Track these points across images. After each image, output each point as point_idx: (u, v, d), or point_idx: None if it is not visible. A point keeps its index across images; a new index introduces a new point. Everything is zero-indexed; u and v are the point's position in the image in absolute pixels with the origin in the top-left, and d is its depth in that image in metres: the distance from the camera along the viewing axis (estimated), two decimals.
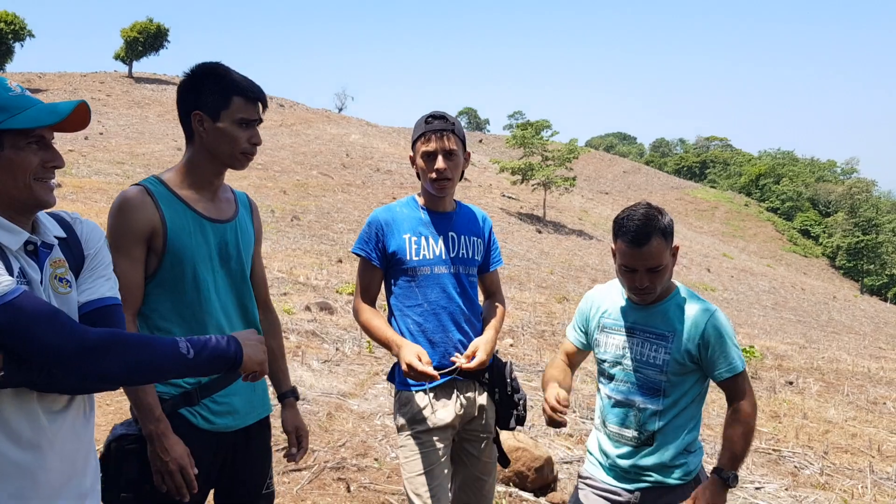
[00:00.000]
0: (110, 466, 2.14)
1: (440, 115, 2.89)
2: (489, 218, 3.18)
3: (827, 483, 6.29)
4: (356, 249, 2.96)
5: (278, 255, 18.42)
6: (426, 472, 2.80)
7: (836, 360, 16.78)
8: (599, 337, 2.74)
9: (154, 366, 1.68)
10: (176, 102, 2.38)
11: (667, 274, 2.55)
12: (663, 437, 2.59)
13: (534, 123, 51.46)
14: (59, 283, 1.75)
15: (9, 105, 1.65)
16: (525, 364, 10.73)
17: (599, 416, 2.75)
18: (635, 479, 2.64)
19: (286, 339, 9.26)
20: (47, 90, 56.08)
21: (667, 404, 2.58)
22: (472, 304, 2.98)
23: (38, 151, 1.70)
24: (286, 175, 37.91)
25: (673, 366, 2.55)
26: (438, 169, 2.82)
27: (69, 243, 1.83)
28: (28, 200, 1.70)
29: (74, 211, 1.98)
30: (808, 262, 70.63)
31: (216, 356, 1.77)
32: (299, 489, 4.49)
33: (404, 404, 2.89)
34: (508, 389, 2.92)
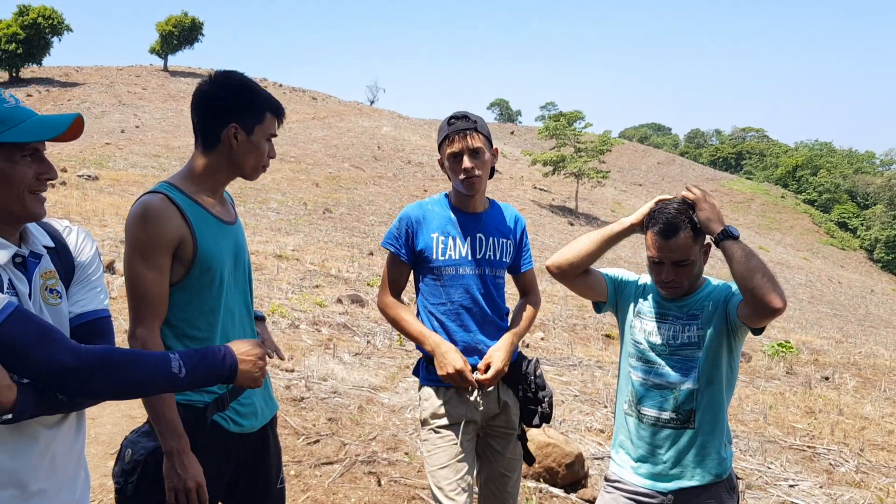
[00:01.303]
0: (147, 477, 2.16)
1: (461, 115, 2.91)
2: (523, 218, 3.17)
3: (862, 481, 6.20)
4: (385, 244, 2.98)
5: (311, 248, 18.56)
6: (448, 466, 2.83)
7: (874, 355, 16.49)
8: (635, 321, 2.73)
9: (143, 385, 1.69)
10: (200, 107, 2.33)
11: (694, 270, 2.56)
12: (702, 416, 2.58)
13: (566, 114, 51.14)
14: (50, 294, 1.74)
15: (4, 117, 1.64)
16: (556, 358, 10.72)
17: (630, 399, 2.71)
18: (671, 474, 2.59)
19: (318, 331, 9.34)
20: (84, 83, 56.98)
21: (703, 383, 2.57)
22: (497, 306, 2.98)
23: (33, 164, 1.68)
24: (318, 168, 38.14)
25: (707, 341, 2.56)
26: (466, 168, 2.82)
27: (59, 252, 1.82)
28: (20, 213, 1.69)
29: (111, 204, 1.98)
30: (846, 254, 69.39)
31: (209, 373, 1.77)
32: (331, 482, 4.53)
33: (426, 399, 2.93)
34: (532, 387, 2.93)
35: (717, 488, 2.59)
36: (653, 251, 2.55)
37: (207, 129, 2.31)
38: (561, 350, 11.53)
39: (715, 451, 2.59)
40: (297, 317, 9.92)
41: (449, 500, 2.81)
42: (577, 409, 7.31)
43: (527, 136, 79.76)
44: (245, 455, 2.40)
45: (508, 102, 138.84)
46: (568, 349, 11.64)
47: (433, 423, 2.88)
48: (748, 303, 2.40)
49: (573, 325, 13.93)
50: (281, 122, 2.43)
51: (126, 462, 2.18)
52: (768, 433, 7.69)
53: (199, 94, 2.33)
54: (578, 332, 13.33)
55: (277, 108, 2.39)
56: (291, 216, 25.02)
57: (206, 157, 2.33)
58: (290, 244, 18.28)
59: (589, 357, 10.99)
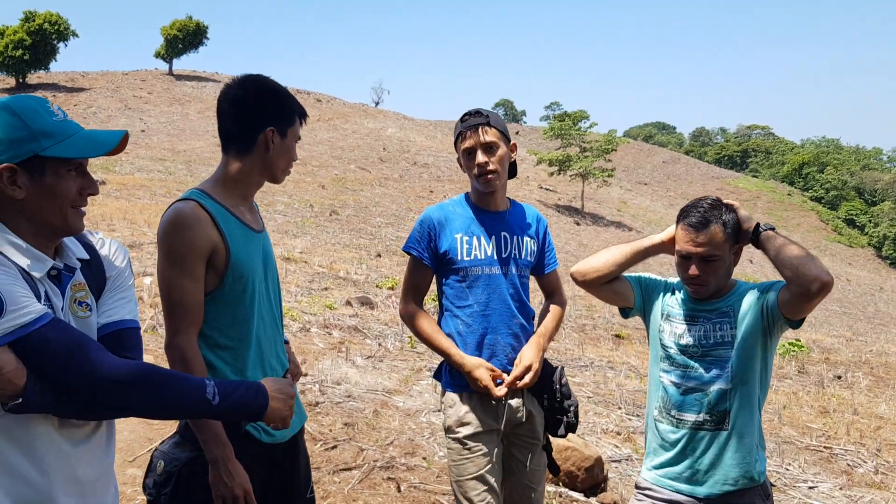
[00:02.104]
0: (181, 488, 2.15)
1: (474, 112, 2.86)
2: (544, 218, 3.12)
3: (882, 482, 6.15)
4: (407, 248, 2.92)
5: (318, 250, 18.55)
6: (476, 477, 2.78)
7: (885, 353, 16.42)
8: (664, 325, 2.69)
9: (177, 407, 1.68)
10: (234, 111, 2.30)
11: (722, 268, 2.53)
12: (735, 416, 2.53)
13: (571, 114, 51.13)
14: (79, 307, 1.73)
15: (54, 131, 1.63)
16: (567, 359, 10.68)
17: (661, 405, 2.66)
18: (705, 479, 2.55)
19: (329, 334, 9.32)
20: (90, 88, 57.12)
21: (736, 382, 2.53)
22: (524, 306, 2.93)
23: (77, 178, 1.68)
24: (324, 170, 38.16)
25: (739, 339, 2.53)
26: (479, 164, 2.78)
27: (91, 265, 1.81)
28: (61, 227, 1.68)
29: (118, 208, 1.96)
30: (854, 252, 69.15)
31: (240, 406, 1.75)
32: (350, 489, 4.51)
33: (451, 406, 2.86)
34: (557, 396, 2.86)
35: (751, 494, 2.55)
36: (682, 244, 2.53)
37: (243, 132, 2.29)
38: (571, 351, 11.49)
39: (749, 452, 2.54)
40: (307, 320, 9.91)
41: None
42: (592, 410, 7.28)
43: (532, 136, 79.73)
44: (275, 465, 2.39)
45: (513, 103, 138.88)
46: (579, 350, 11.60)
47: (459, 431, 2.82)
48: (795, 285, 2.37)
49: (583, 326, 13.89)
50: (304, 124, 2.45)
51: (159, 474, 2.17)
52: (784, 434, 7.64)
53: (231, 98, 2.30)
54: (588, 333, 13.28)
55: (303, 112, 2.43)
56: (298, 218, 25.02)
57: (240, 161, 2.31)
58: (298, 246, 18.27)
59: (600, 358, 10.96)
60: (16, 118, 1.60)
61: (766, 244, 2.47)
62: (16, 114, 1.61)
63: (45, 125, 1.63)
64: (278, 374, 2.40)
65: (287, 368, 2.49)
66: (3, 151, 1.58)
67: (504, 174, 2.87)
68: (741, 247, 2.57)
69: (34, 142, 1.60)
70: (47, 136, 1.62)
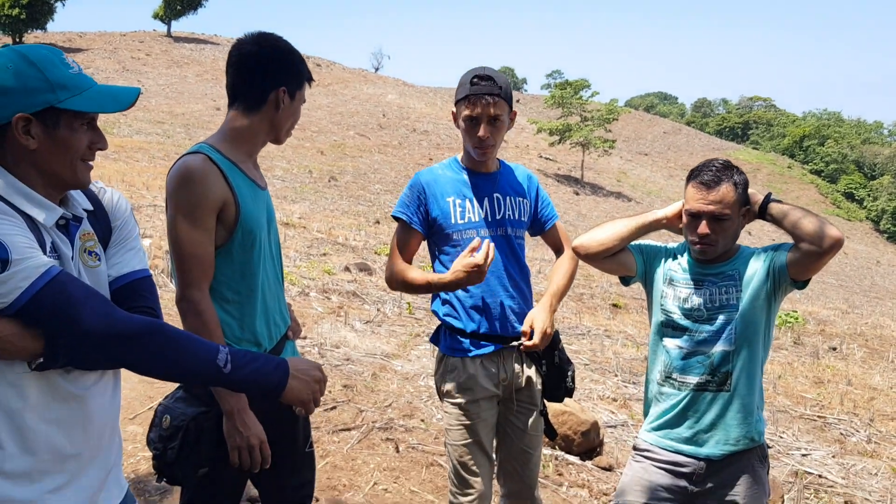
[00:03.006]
0: (188, 442, 2.15)
1: (486, 76, 2.70)
2: (534, 175, 3.05)
3: (875, 451, 6.23)
4: (397, 213, 2.85)
5: (317, 216, 18.56)
6: (471, 443, 2.77)
7: (880, 326, 16.52)
8: (666, 290, 2.67)
9: (183, 367, 1.62)
10: (246, 67, 2.27)
11: (731, 229, 2.52)
12: (738, 377, 2.54)
13: (572, 83, 50.83)
14: (89, 256, 1.72)
15: (70, 84, 1.61)
16: (564, 327, 10.74)
17: (663, 369, 2.65)
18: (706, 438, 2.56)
19: (328, 299, 9.36)
20: (88, 49, 56.59)
21: (739, 344, 2.54)
22: (521, 268, 2.89)
23: (88, 132, 1.67)
24: (323, 135, 38.00)
25: (745, 304, 2.53)
26: (481, 137, 2.70)
27: (97, 215, 1.80)
28: (70, 180, 1.67)
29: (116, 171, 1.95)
30: (852, 225, 69.20)
31: (256, 380, 1.68)
32: (349, 448, 4.56)
33: (450, 371, 2.82)
34: (556, 360, 2.84)
35: (749, 455, 2.57)
36: (692, 203, 2.50)
37: (254, 89, 2.27)
38: (569, 319, 11.54)
39: (750, 413, 2.56)
40: (306, 284, 9.94)
41: (471, 475, 2.77)
42: (589, 377, 7.33)
43: (532, 104, 79.27)
44: (276, 420, 2.40)
45: (514, 70, 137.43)
46: (576, 318, 11.65)
47: (458, 397, 2.79)
48: (809, 244, 2.41)
49: (580, 295, 13.93)
50: (310, 87, 2.45)
51: (164, 428, 2.17)
52: (778, 403, 7.72)
53: (244, 54, 2.28)
54: (586, 302, 13.32)
55: (310, 76, 2.42)
56: (297, 184, 24.97)
57: (248, 118, 2.29)
58: (297, 212, 18.27)
59: (597, 326, 11.02)
60: (33, 68, 1.58)
61: (776, 214, 2.49)
62: (33, 63, 1.58)
63: (63, 77, 1.61)
64: (281, 329, 2.41)
65: (289, 325, 2.50)
66: (19, 101, 1.56)
67: (500, 144, 2.81)
68: (749, 210, 2.55)
69: (51, 93, 1.58)
70: (64, 87, 1.60)
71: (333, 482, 4.12)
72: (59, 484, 1.63)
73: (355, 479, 4.19)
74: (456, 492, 2.83)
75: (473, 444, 2.78)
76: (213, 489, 2.28)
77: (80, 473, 1.68)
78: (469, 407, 2.77)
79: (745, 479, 2.56)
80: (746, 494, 2.55)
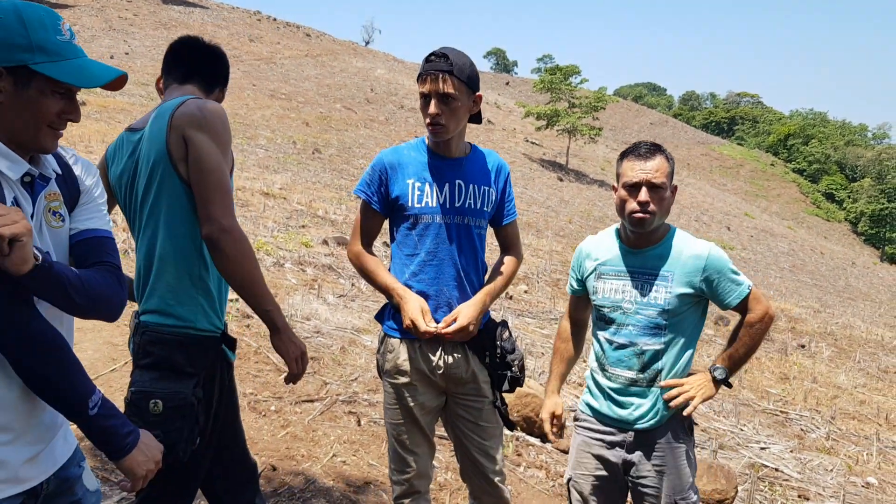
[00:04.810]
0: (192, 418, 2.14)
1: (441, 54, 2.63)
2: (507, 166, 2.96)
3: (832, 448, 6.33)
4: (357, 191, 2.79)
5: (298, 188, 18.42)
6: (409, 422, 2.75)
7: (850, 327, 16.75)
8: (597, 284, 2.76)
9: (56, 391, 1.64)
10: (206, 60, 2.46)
11: (665, 202, 2.61)
12: (668, 375, 2.64)
13: (563, 68, 50.59)
14: (53, 216, 1.73)
15: (52, 49, 1.62)
16: (539, 311, 10.79)
17: (597, 361, 2.77)
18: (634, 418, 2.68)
19: (303, 271, 9.32)
20: (75, 6, 55.63)
21: (668, 341, 2.63)
22: (475, 259, 2.81)
23: (61, 101, 1.66)
24: (309, 107, 37.67)
25: (674, 303, 2.61)
26: (430, 114, 2.61)
27: (65, 178, 1.81)
28: (31, 143, 1.67)
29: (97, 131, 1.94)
30: (830, 226, 69.91)
31: (108, 434, 1.71)
32: (311, 419, 4.56)
33: (389, 351, 2.77)
34: (498, 351, 2.76)
35: (674, 423, 2.67)
36: (630, 174, 2.60)
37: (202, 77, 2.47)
38: (543, 304, 11.60)
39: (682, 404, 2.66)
40: (282, 255, 9.89)
41: (408, 454, 2.76)
42: None
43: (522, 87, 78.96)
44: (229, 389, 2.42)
45: (505, 52, 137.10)
46: (550, 303, 11.71)
47: (397, 378, 2.75)
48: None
49: (556, 280, 13.98)
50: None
51: (156, 414, 2.11)
52: (742, 396, 7.82)
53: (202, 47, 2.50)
54: (561, 287, 13.37)
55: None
56: (280, 154, 24.77)
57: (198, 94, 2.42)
58: (278, 182, 18.12)
59: None
60: (20, 24, 1.60)
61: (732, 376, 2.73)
62: (22, 20, 1.60)
63: (46, 41, 1.62)
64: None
65: None
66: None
67: (458, 125, 2.70)
68: (676, 186, 2.69)
69: (28, 52, 1.59)
70: (44, 51, 1.61)
71: (292, 452, 4.11)
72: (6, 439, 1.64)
73: (314, 451, 4.19)
74: (395, 469, 2.80)
75: (411, 422, 2.75)
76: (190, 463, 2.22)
77: (27, 430, 1.68)
78: (406, 389, 2.74)
79: (670, 446, 2.67)
80: (673, 458, 2.66)
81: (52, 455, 1.77)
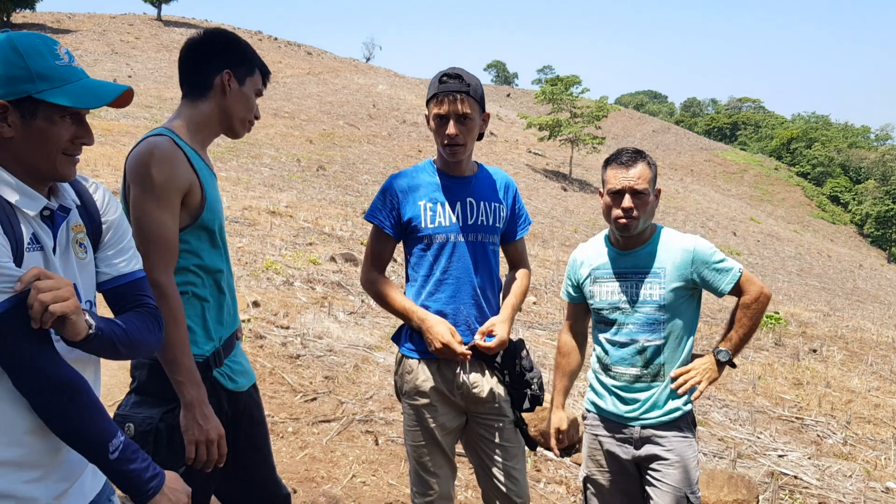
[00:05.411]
0: (162, 444, 2.10)
1: (455, 74, 2.67)
2: (514, 182, 3.00)
3: (850, 453, 6.29)
4: (369, 217, 2.80)
5: (304, 205, 18.46)
6: (430, 444, 2.74)
7: (861, 329, 16.66)
8: (593, 288, 2.84)
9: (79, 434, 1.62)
10: (191, 55, 2.31)
11: (649, 206, 2.71)
12: (670, 368, 2.74)
13: (563, 79, 50.72)
14: (80, 248, 1.72)
15: (52, 75, 1.59)
16: (548, 322, 10.77)
17: (599, 363, 2.85)
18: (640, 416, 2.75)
19: (312, 289, 9.33)
20: (77, 31, 56.05)
21: (667, 335, 2.72)
22: (491, 276, 2.82)
23: (71, 126, 1.64)
24: (312, 124, 37.82)
25: (670, 297, 2.70)
26: (449, 134, 2.65)
27: (87, 209, 1.79)
28: (48, 172, 1.65)
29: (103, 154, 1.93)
30: (836, 228, 69.73)
31: (131, 478, 1.67)
32: (328, 440, 4.56)
33: (408, 372, 2.77)
34: (518, 369, 2.76)
35: (679, 421, 2.76)
36: (613, 181, 2.70)
37: (199, 75, 2.27)
38: (553, 315, 11.57)
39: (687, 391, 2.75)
40: (291, 274, 9.91)
41: (430, 476, 2.75)
42: None
43: (523, 99, 79.17)
44: (238, 417, 2.36)
45: (505, 64, 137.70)
46: (560, 314, 11.68)
47: (417, 399, 2.74)
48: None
49: None
50: (266, 82, 2.43)
51: (131, 437, 2.07)
52: (757, 403, 7.78)
53: (189, 44, 2.31)
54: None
55: (264, 66, 2.41)
56: (285, 172, 24.84)
57: (197, 106, 2.28)
58: (284, 200, 18.16)
59: None
60: (17, 55, 1.57)
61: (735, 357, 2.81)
62: (18, 51, 1.57)
63: (45, 68, 1.59)
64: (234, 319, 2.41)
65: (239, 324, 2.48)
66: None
67: (471, 144, 2.76)
68: (660, 189, 2.80)
69: (29, 83, 1.57)
70: (44, 78, 1.58)
71: (311, 474, 4.11)
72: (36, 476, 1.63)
73: (333, 472, 4.19)
74: (417, 491, 2.80)
75: (432, 444, 2.74)
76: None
77: (55, 467, 1.68)
78: (426, 410, 2.73)
79: (678, 441, 2.74)
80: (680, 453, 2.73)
81: (81, 491, 1.76)
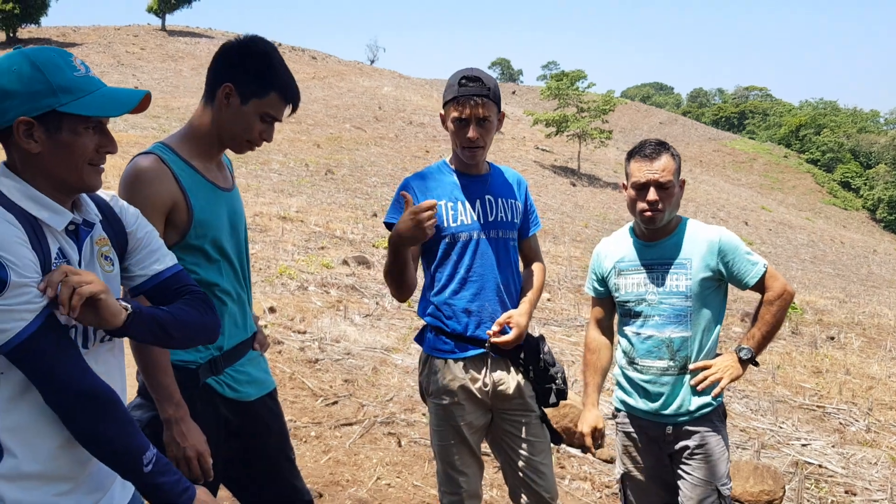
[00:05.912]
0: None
1: (475, 77, 2.68)
2: (524, 179, 3.02)
3: (874, 440, 6.25)
4: (389, 219, 2.75)
5: (314, 210, 18.50)
6: (457, 443, 2.75)
7: (878, 315, 16.55)
8: (618, 281, 2.84)
9: (113, 447, 1.62)
10: (211, 63, 2.24)
11: (674, 197, 2.71)
12: (696, 358, 2.73)
13: (569, 74, 50.55)
14: (105, 261, 1.73)
15: (73, 87, 1.59)
16: (563, 319, 10.75)
17: (626, 357, 2.84)
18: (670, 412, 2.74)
19: (327, 293, 9.35)
20: (83, 44, 56.34)
21: (694, 327, 2.71)
22: (513, 272, 2.84)
23: (95, 136, 1.65)
24: (319, 128, 37.89)
25: (696, 288, 2.69)
26: (470, 138, 2.67)
27: (110, 221, 1.80)
28: (76, 184, 1.65)
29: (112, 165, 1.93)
30: (848, 214, 69.29)
31: (165, 491, 1.67)
32: (351, 443, 4.57)
33: (433, 372, 2.78)
34: (541, 364, 2.78)
35: (710, 415, 2.75)
36: (638, 174, 2.69)
37: (210, 82, 2.22)
38: (567, 311, 11.55)
39: (710, 387, 2.72)
40: (305, 279, 9.93)
41: (458, 475, 2.76)
42: None
43: (528, 95, 79.15)
44: (245, 427, 2.33)
45: (510, 62, 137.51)
46: (574, 310, 11.66)
47: (443, 399, 2.75)
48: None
49: (578, 287, 13.94)
50: (290, 107, 2.29)
51: None
52: (777, 393, 7.74)
53: (219, 48, 2.25)
54: (584, 293, 13.33)
55: (286, 90, 2.24)
56: (293, 177, 24.90)
57: (204, 113, 2.24)
58: (294, 205, 18.21)
59: None
60: (36, 71, 1.57)
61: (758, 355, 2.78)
62: (36, 66, 1.57)
63: (66, 80, 1.59)
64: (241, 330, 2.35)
65: (254, 332, 2.44)
66: (21, 105, 1.56)
67: (489, 146, 2.77)
68: (684, 180, 2.79)
69: (52, 97, 1.57)
70: (66, 91, 1.58)
71: (336, 477, 4.12)
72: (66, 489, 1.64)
73: (358, 474, 4.19)
74: (445, 491, 2.81)
75: (460, 442, 2.75)
76: None
77: (85, 478, 1.68)
78: (453, 409, 2.74)
79: (709, 435, 2.74)
80: (711, 447, 2.74)
81: (111, 502, 1.77)
